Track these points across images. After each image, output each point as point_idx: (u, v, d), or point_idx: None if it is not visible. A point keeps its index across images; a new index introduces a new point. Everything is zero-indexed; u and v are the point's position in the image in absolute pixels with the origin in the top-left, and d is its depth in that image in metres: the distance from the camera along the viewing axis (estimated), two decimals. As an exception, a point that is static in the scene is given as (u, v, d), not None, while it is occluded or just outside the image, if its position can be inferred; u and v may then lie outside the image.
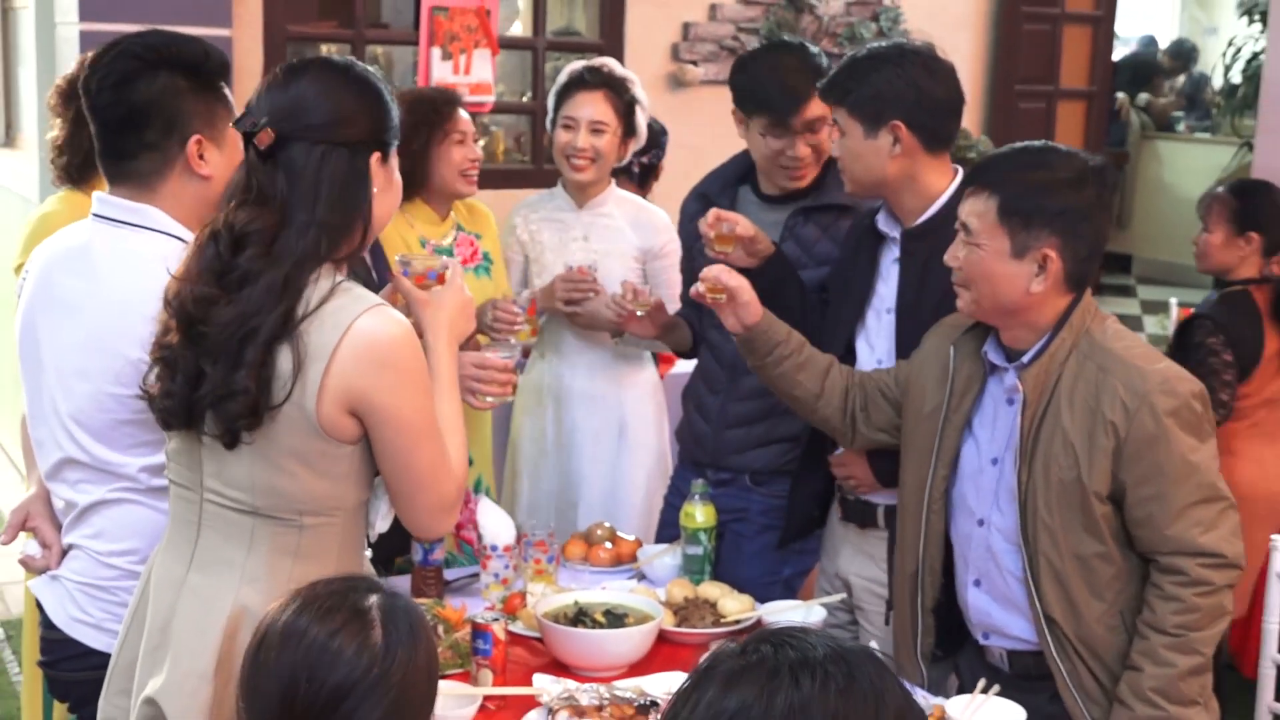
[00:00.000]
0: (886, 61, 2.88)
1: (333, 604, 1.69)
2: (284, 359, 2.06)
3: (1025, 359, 2.56)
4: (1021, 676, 2.63)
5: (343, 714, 1.63)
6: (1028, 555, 2.54)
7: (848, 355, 3.03)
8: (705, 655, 1.41)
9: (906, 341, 2.91)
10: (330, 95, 2.16)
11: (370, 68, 2.29)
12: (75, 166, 3.28)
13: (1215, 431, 2.56)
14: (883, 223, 2.99)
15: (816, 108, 3.12)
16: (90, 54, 3.28)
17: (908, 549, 2.77)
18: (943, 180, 2.93)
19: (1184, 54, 10.90)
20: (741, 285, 2.77)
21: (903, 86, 2.85)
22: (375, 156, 2.19)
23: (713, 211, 3.08)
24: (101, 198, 2.44)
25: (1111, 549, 2.51)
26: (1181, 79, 11.19)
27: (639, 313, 3.44)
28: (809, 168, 3.24)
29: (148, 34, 2.44)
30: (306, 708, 1.63)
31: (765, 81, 3.22)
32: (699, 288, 2.84)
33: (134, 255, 2.37)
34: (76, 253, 2.44)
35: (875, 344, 3.01)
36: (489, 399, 2.86)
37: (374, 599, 1.71)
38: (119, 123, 2.39)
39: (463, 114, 3.57)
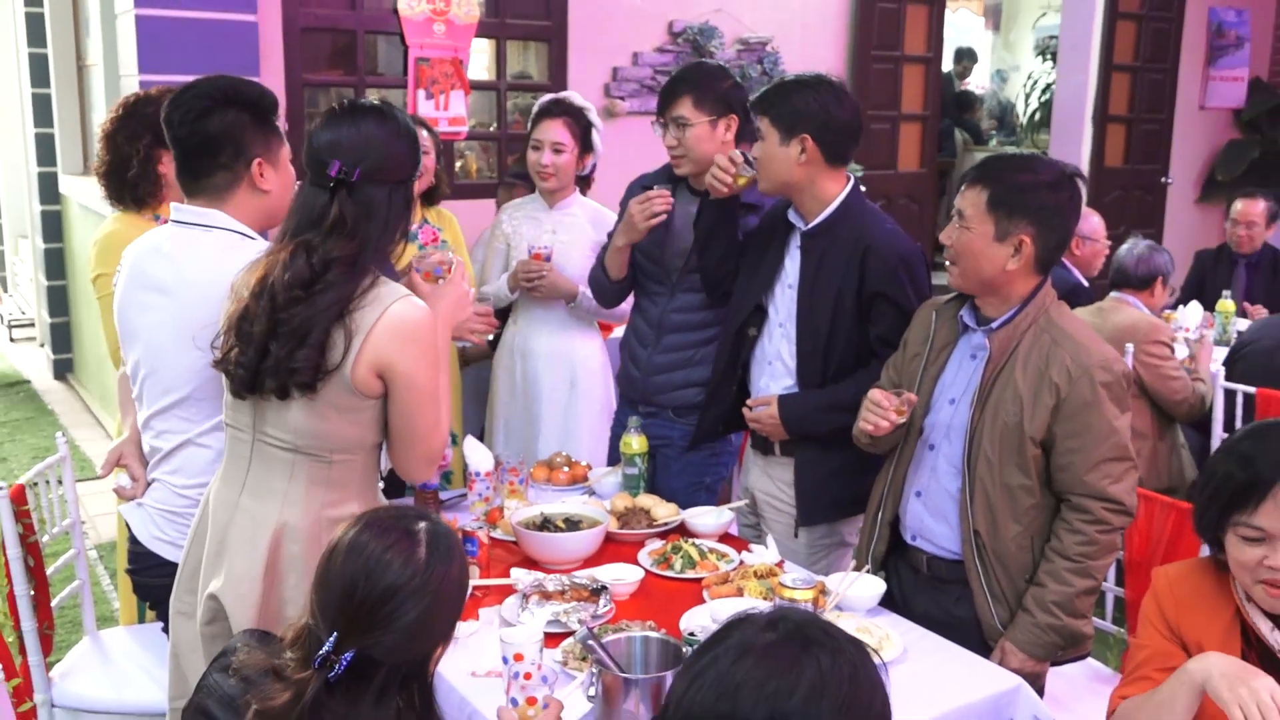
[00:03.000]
0: (806, 86, 2.83)
1: (389, 526, 1.69)
2: (338, 335, 2.05)
3: (994, 324, 2.49)
4: (935, 578, 2.59)
5: (388, 610, 1.62)
6: (967, 478, 2.48)
7: (757, 313, 3.01)
8: (730, 619, 1.35)
9: (804, 315, 2.89)
10: (392, 143, 2.14)
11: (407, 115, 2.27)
12: (114, 190, 3.19)
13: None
14: (791, 215, 2.95)
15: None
16: (128, 97, 3.22)
17: (881, 473, 2.71)
18: (836, 188, 2.88)
19: (963, 56, 10.86)
20: (913, 399, 2.55)
21: (815, 108, 2.80)
22: (414, 184, 2.21)
23: (736, 152, 2.98)
24: (177, 207, 2.40)
25: (1034, 484, 2.45)
26: (976, 90, 11.11)
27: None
28: None
29: (216, 79, 2.39)
30: (361, 602, 1.62)
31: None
32: (890, 419, 2.52)
33: (208, 248, 2.34)
34: (162, 250, 2.39)
35: (780, 309, 2.97)
36: (474, 336, 3.01)
37: (422, 525, 1.71)
38: (198, 149, 2.34)
39: None
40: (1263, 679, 1.71)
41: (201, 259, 2.33)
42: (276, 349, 2.05)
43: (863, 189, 3.00)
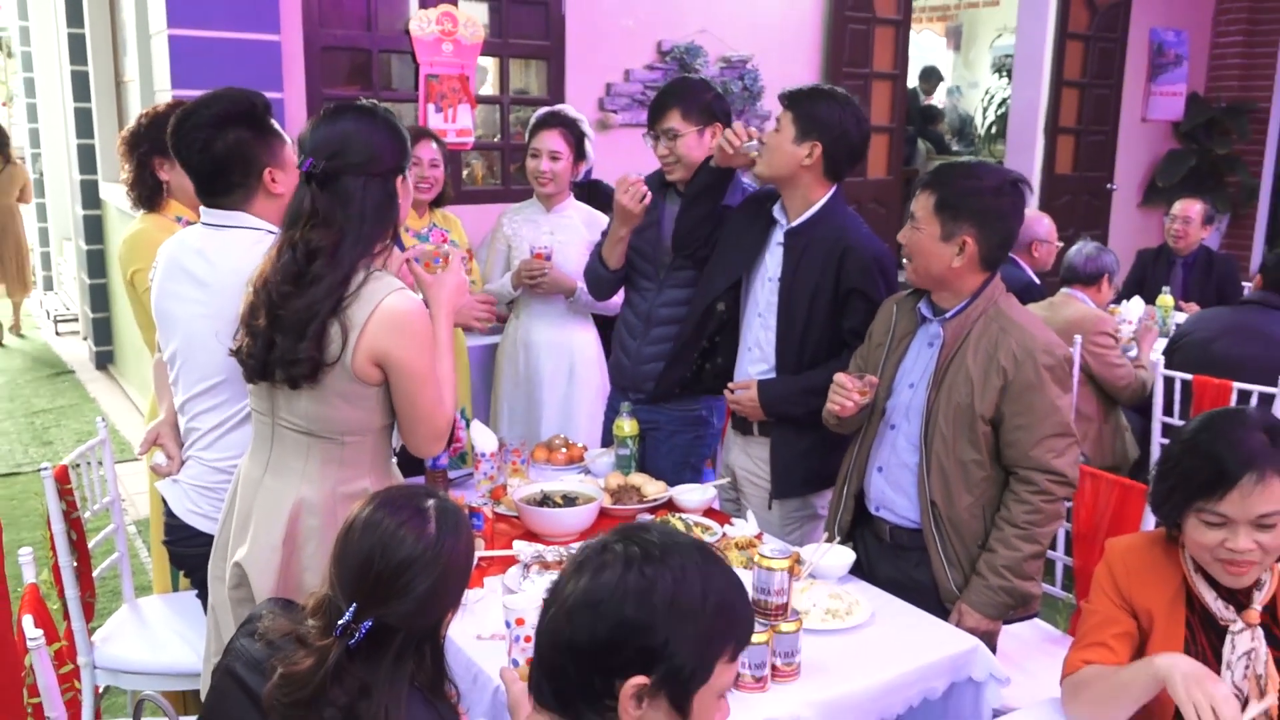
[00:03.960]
0: (836, 100, 2.81)
1: (402, 504, 1.68)
2: (335, 330, 2.03)
3: (948, 315, 2.49)
4: (897, 546, 2.59)
5: (403, 582, 1.62)
6: (925, 454, 2.49)
7: (730, 291, 3.01)
8: (576, 550, 1.42)
9: (784, 307, 2.88)
10: (368, 137, 2.08)
11: (390, 110, 2.22)
12: (142, 197, 3.17)
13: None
14: (777, 211, 2.93)
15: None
16: (151, 110, 3.19)
17: (848, 451, 2.71)
18: (822, 192, 2.86)
19: (929, 75, 10.83)
20: (874, 381, 2.57)
21: (836, 121, 2.78)
22: (399, 179, 2.15)
23: (743, 129, 2.94)
24: (206, 210, 2.38)
25: (985, 459, 2.45)
26: (938, 105, 11.07)
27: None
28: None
29: (209, 100, 2.33)
30: (378, 575, 1.62)
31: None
32: (854, 399, 2.53)
33: (238, 244, 2.32)
34: (195, 247, 2.38)
35: (760, 301, 2.96)
36: (478, 324, 3.05)
37: (431, 502, 1.70)
38: (210, 174, 2.32)
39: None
40: (1219, 686, 1.72)
41: (233, 254, 2.32)
42: (281, 341, 2.04)
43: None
